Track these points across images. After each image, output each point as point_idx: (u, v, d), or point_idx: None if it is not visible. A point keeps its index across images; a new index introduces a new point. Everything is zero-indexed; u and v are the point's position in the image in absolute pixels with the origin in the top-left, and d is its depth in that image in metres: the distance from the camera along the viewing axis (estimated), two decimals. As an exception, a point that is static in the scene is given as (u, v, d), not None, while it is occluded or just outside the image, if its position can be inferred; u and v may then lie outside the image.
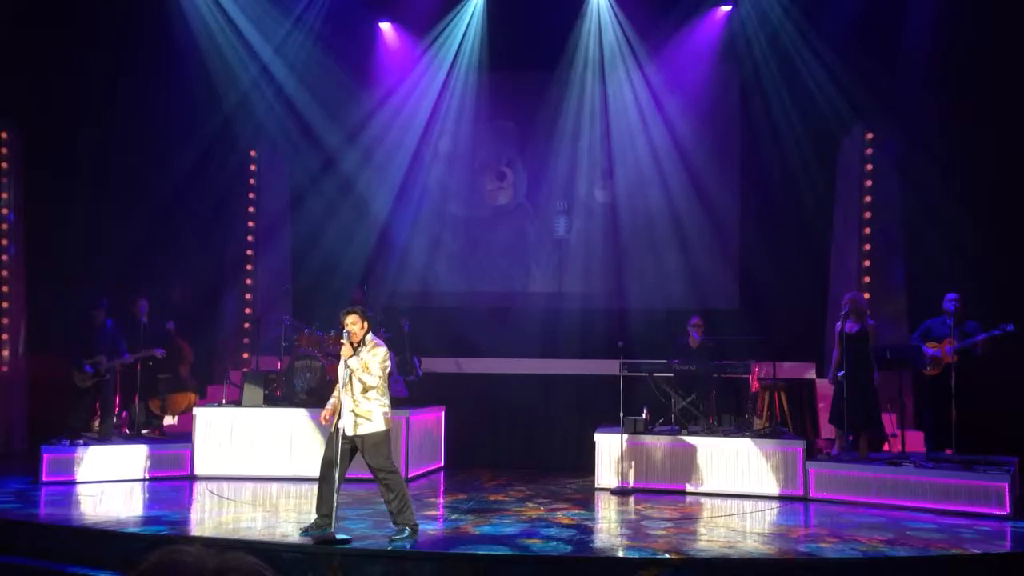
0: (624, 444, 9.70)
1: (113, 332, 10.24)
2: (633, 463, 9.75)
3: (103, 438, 10.08)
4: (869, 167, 11.80)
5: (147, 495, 9.24)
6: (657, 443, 9.81)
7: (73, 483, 9.44)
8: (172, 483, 9.82)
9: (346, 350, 6.93)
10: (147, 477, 9.87)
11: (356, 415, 6.92)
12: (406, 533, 6.95)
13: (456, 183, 13.05)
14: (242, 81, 12.25)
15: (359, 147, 12.76)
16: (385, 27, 13.01)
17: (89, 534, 7.34)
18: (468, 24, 12.66)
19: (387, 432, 7.04)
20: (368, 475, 7.22)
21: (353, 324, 6.93)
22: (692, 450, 9.72)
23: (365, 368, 6.88)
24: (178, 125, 11.55)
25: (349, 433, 6.93)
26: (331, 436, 7.03)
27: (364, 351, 6.97)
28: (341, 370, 7.00)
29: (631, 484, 9.68)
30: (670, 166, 12.40)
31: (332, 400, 7.13)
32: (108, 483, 9.55)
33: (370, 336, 7.05)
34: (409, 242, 12.87)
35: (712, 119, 12.45)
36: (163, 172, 11.70)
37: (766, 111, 11.94)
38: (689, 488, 9.62)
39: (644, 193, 12.48)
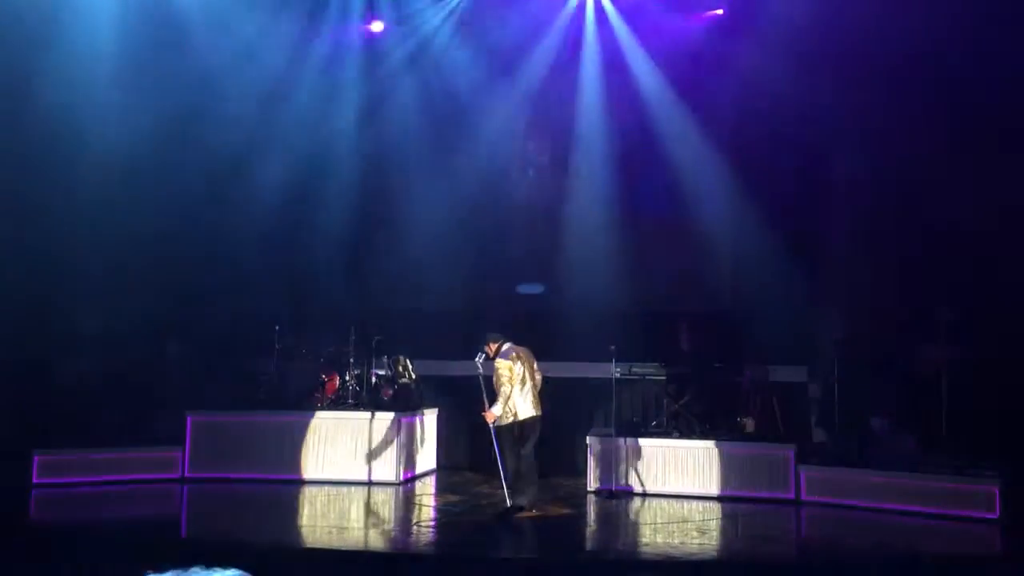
0: (616, 447, 9.71)
1: None
2: (625, 466, 9.76)
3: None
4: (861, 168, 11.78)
5: (140, 497, 9.22)
6: (649, 446, 9.82)
7: (65, 485, 9.38)
8: (165, 485, 9.78)
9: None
10: (140, 479, 9.82)
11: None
12: (507, 505, 8.20)
13: (450, 184, 13.01)
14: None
15: (350, 151, 12.70)
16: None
17: (82, 535, 7.33)
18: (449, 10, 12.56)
19: (504, 425, 8.54)
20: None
21: (488, 347, 8.95)
22: (684, 453, 9.73)
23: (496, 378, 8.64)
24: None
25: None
26: None
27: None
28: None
29: (623, 486, 9.70)
30: (662, 165, 12.40)
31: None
32: (100, 484, 9.50)
33: (501, 353, 8.84)
34: (403, 244, 12.82)
35: (705, 120, 12.44)
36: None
37: (760, 113, 11.93)
38: (681, 491, 9.63)
39: (635, 194, 12.47)
